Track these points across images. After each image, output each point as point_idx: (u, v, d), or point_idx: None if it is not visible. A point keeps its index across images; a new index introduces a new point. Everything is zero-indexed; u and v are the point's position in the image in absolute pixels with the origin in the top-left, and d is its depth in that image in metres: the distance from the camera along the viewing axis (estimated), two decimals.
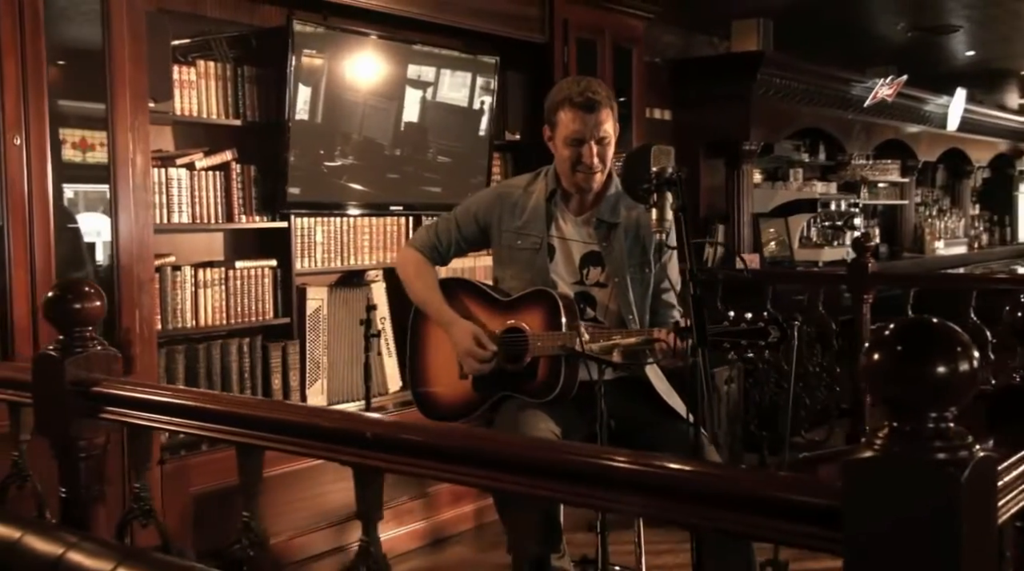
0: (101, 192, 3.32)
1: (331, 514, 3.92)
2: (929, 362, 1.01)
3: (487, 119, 4.54)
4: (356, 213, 4.16)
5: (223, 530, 3.12)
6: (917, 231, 8.65)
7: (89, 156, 3.26)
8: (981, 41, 7.67)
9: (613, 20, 5.20)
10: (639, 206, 2.74)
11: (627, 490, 1.12)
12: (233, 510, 3.51)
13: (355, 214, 4.17)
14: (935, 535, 0.99)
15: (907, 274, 6.68)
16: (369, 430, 1.48)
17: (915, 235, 8.64)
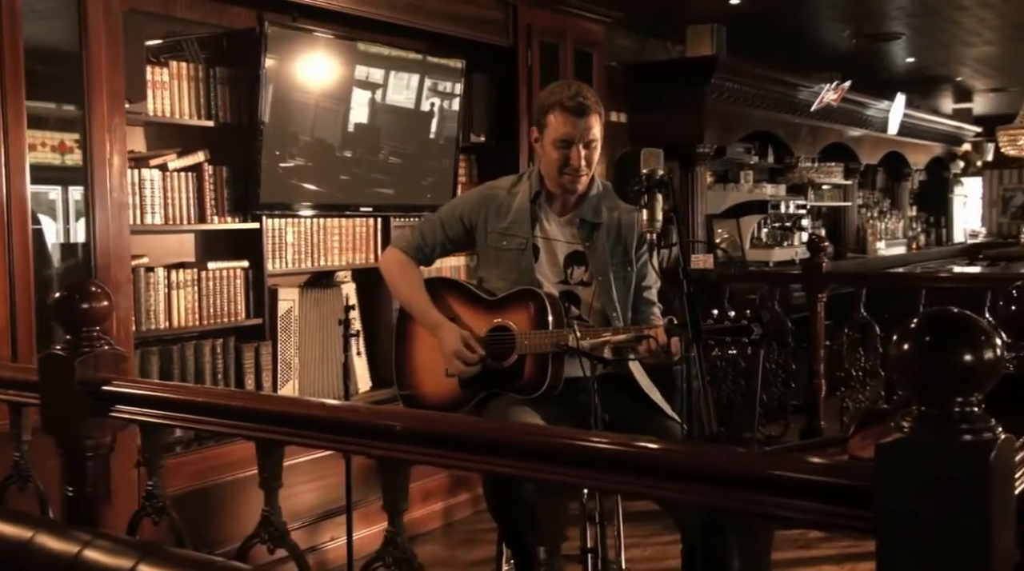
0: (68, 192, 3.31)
1: (302, 514, 3.94)
2: (956, 351, 1.09)
3: (436, 121, 4.52)
4: (308, 214, 4.12)
5: (198, 533, 3.14)
6: (860, 232, 8.90)
7: (66, 158, 3.25)
8: (921, 48, 7.92)
9: (574, 24, 5.29)
10: (620, 207, 2.83)
11: (678, 477, 1.18)
12: (205, 513, 3.55)
13: (307, 215, 4.12)
14: (964, 512, 1.07)
15: (860, 273, 6.87)
16: (399, 423, 1.53)
17: (858, 236, 8.89)
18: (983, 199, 13.52)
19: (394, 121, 4.39)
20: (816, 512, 1.16)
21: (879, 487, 1.12)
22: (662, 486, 1.21)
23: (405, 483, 1.57)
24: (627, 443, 1.19)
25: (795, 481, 1.18)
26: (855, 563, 3.86)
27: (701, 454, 1.19)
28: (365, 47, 4.20)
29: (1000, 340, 1.10)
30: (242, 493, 3.67)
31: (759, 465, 1.18)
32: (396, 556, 1.58)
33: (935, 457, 1.09)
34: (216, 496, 3.57)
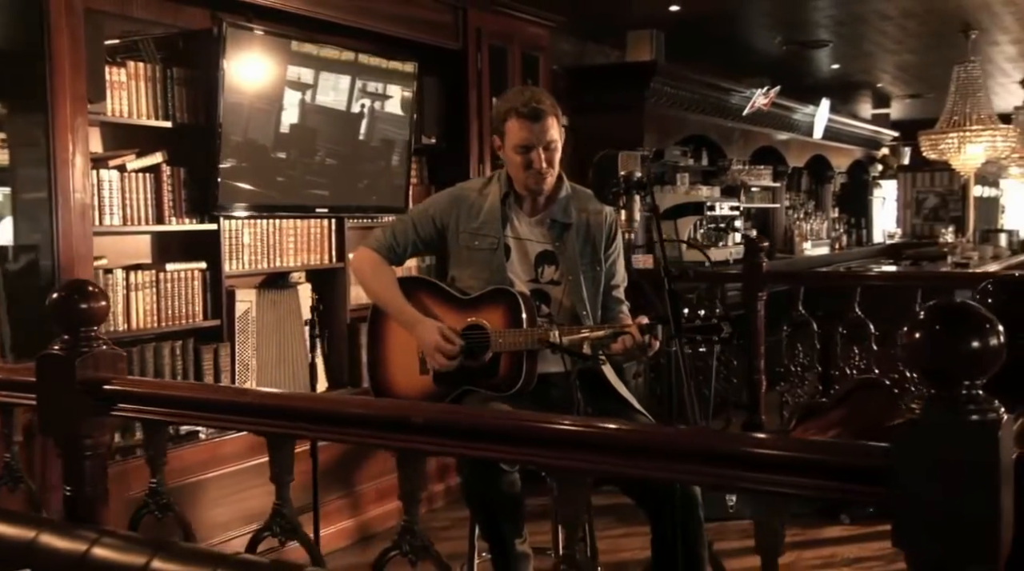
0: None
1: (255, 517, 3.93)
2: (964, 338, 1.20)
3: (367, 123, 4.47)
4: (243, 215, 4.06)
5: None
6: (787, 233, 9.17)
7: None
8: (846, 55, 8.21)
9: (521, 28, 5.37)
10: (589, 208, 2.92)
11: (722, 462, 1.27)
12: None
13: (242, 217, 4.07)
14: (975, 484, 1.17)
15: (798, 273, 7.08)
16: (420, 416, 1.58)
17: (785, 236, 9.16)
18: (898, 201, 14.02)
19: (326, 122, 4.28)
20: (836, 490, 1.26)
21: (895, 465, 1.22)
22: (690, 469, 1.30)
23: (423, 473, 1.63)
24: (698, 432, 1.27)
25: (815, 462, 1.27)
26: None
27: (731, 439, 1.27)
28: (298, 46, 4.11)
29: (1001, 329, 1.21)
30: (204, 492, 3.67)
31: (783, 447, 1.28)
32: (413, 544, 1.64)
33: (947, 436, 1.20)
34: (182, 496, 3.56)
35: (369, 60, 4.41)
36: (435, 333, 2.78)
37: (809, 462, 1.26)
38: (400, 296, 2.89)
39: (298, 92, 4.13)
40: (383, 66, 4.51)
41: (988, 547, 1.18)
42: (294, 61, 4.09)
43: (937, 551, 1.20)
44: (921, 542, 1.21)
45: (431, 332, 2.79)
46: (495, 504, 2.61)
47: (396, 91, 4.59)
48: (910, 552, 1.22)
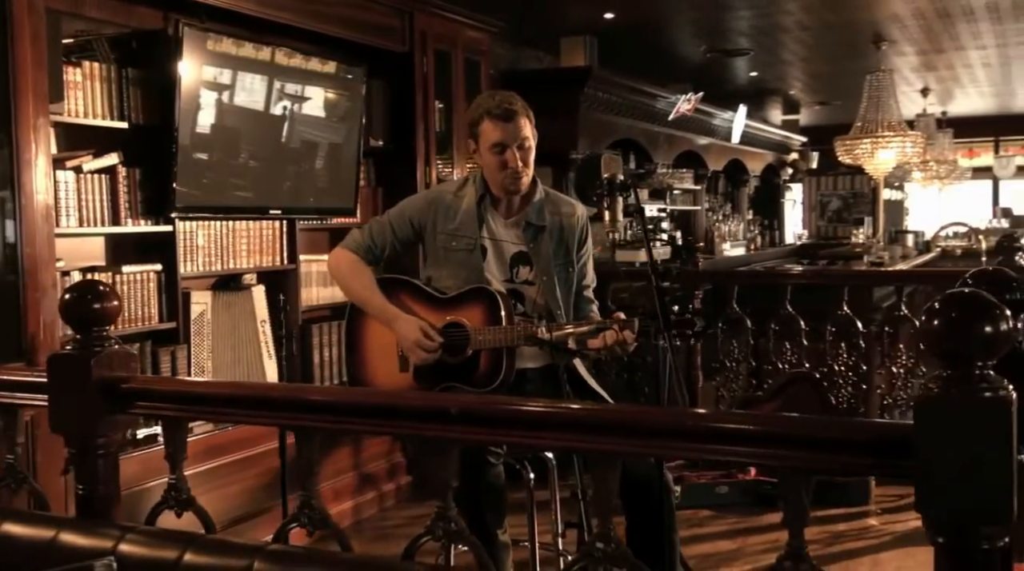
0: None
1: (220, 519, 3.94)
2: (978, 323, 1.34)
3: (288, 125, 4.35)
4: (200, 216, 4.04)
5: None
6: (708, 234, 9.46)
7: None
8: (764, 64, 8.53)
9: (463, 33, 5.46)
10: (562, 211, 3.03)
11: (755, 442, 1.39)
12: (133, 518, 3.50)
13: (199, 218, 4.04)
14: (989, 454, 1.31)
15: (733, 272, 7.30)
16: (454, 407, 1.66)
17: (706, 237, 9.44)
18: (803, 204, 14.55)
19: (245, 123, 4.14)
20: (866, 465, 1.39)
21: (917, 439, 1.35)
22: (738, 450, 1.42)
23: (455, 462, 1.71)
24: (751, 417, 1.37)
25: (846, 440, 1.40)
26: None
27: (770, 421, 1.39)
28: (213, 45, 3.96)
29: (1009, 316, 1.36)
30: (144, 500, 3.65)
31: (819, 428, 1.41)
32: (446, 530, 1.72)
33: (963, 411, 1.34)
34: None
35: (288, 61, 4.28)
36: (415, 328, 2.85)
37: (841, 440, 1.39)
38: (380, 294, 2.95)
39: (214, 92, 3.99)
40: (302, 67, 4.37)
41: (1001, 510, 1.32)
42: (210, 61, 3.94)
43: (955, 514, 1.34)
44: (941, 506, 1.35)
45: (411, 327, 2.86)
46: (481, 495, 2.70)
47: (316, 92, 4.46)
48: (930, 515, 1.36)
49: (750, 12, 6.60)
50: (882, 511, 4.62)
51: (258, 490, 4.07)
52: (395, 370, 2.94)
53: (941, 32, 7.21)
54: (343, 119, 4.58)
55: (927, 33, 7.27)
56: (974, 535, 1.34)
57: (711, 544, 4.23)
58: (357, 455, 4.74)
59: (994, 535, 1.34)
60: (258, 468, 4.10)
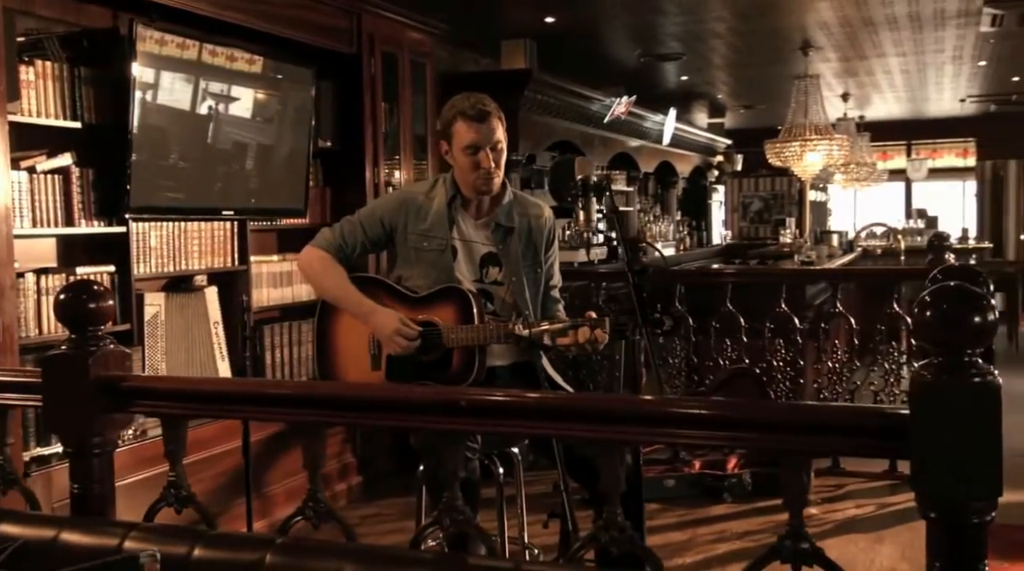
0: None
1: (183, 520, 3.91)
2: (967, 315, 1.45)
3: (213, 126, 4.23)
4: (153, 217, 3.99)
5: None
6: (640, 235, 9.63)
7: None
8: (694, 68, 8.73)
9: (409, 35, 5.49)
10: (530, 213, 3.10)
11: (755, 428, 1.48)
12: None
13: (152, 218, 4.00)
14: (981, 436, 1.42)
15: (677, 271, 7.45)
16: (463, 399, 1.72)
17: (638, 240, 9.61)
18: (726, 205, 14.89)
19: (170, 122, 4.01)
20: (866, 446, 1.49)
21: (912, 422, 1.46)
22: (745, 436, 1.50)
23: (464, 454, 1.77)
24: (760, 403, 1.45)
25: (850, 424, 1.50)
26: None
27: (773, 409, 1.48)
28: (141, 45, 3.80)
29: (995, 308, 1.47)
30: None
31: (824, 414, 1.51)
32: (455, 519, 1.77)
33: (954, 395, 1.44)
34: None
35: (213, 60, 4.15)
36: (394, 319, 2.89)
37: (839, 425, 1.49)
38: (355, 290, 2.98)
39: (139, 91, 3.85)
40: (227, 67, 4.24)
41: (989, 487, 1.43)
42: (141, 61, 3.82)
43: (947, 491, 1.45)
44: (934, 484, 1.45)
45: (390, 318, 2.89)
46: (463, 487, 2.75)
47: (244, 93, 4.35)
48: (925, 492, 1.47)
49: (684, 18, 6.76)
50: (822, 501, 4.80)
51: (218, 490, 4.05)
52: (367, 368, 2.98)
53: (865, 40, 7.48)
54: (269, 120, 4.51)
55: (852, 40, 7.54)
56: (965, 511, 1.45)
57: (662, 536, 4.35)
58: None
59: (983, 510, 1.45)
60: (216, 469, 4.08)
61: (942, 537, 1.48)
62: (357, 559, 1.70)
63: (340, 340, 3.03)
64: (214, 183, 4.25)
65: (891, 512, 4.70)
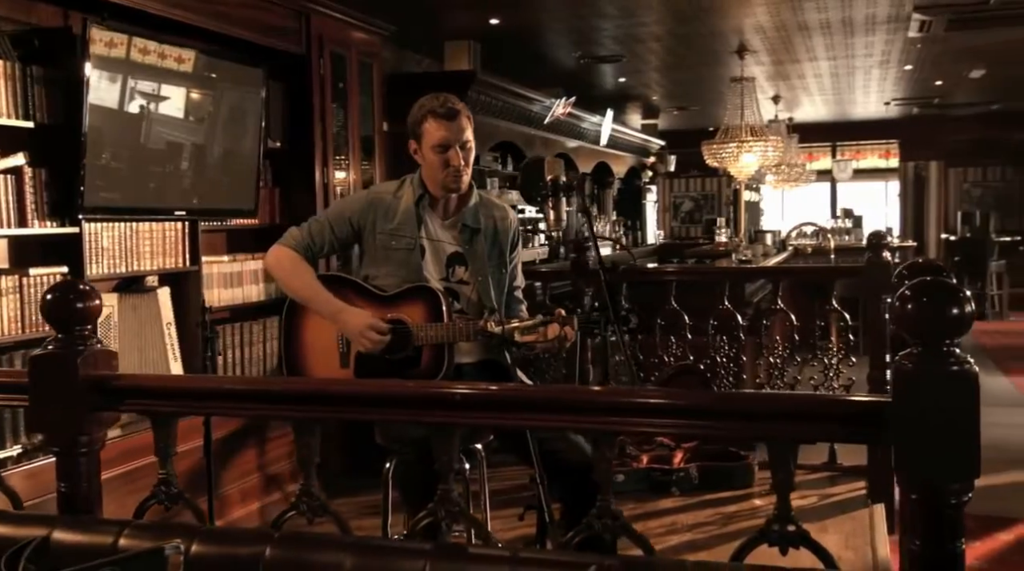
0: None
1: None
2: (946, 307, 1.54)
3: (145, 125, 4.12)
4: (107, 217, 3.95)
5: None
6: (578, 235, 9.74)
7: None
8: (632, 70, 8.87)
9: (357, 36, 5.50)
10: (495, 215, 3.15)
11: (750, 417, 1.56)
12: None
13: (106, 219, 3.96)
14: (960, 421, 1.51)
15: (623, 269, 7.54)
16: (457, 392, 1.77)
17: (577, 238, 9.72)
18: (657, 206, 15.14)
19: (116, 122, 3.91)
20: (851, 432, 1.58)
21: (894, 408, 1.55)
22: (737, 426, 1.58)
23: (457, 446, 1.82)
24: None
25: (837, 412, 1.59)
26: None
27: (764, 399, 1.56)
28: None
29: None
30: None
31: (813, 404, 1.59)
32: (449, 510, 1.82)
33: (934, 383, 1.54)
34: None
35: (143, 59, 4.03)
36: (364, 316, 2.92)
37: (835, 413, 1.59)
38: (324, 289, 3.00)
39: (92, 91, 3.73)
40: (157, 65, 4.10)
41: (968, 469, 1.53)
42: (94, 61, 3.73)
43: (928, 473, 1.54)
44: (916, 467, 1.55)
45: (359, 317, 2.92)
46: (430, 485, 2.78)
47: (175, 92, 4.21)
48: (906, 474, 1.56)
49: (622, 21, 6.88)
50: (765, 493, 4.94)
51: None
52: (336, 365, 3.00)
53: (800, 44, 7.70)
54: (214, 120, 4.46)
55: (786, 44, 7.75)
56: (944, 491, 1.55)
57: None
58: (262, 457, 4.72)
59: (961, 491, 1.55)
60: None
61: (924, 517, 1.57)
62: (357, 552, 1.74)
63: (308, 338, 3.05)
64: (165, 183, 4.22)
65: (833, 502, 4.87)
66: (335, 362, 3.00)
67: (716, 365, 5.52)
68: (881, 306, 4.87)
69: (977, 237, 13.76)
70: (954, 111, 12.96)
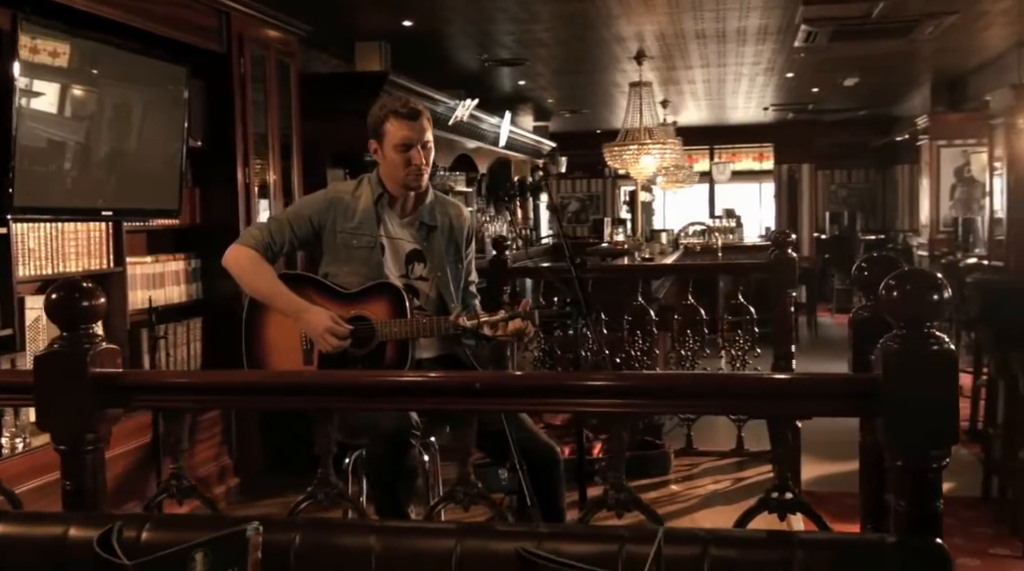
0: None
1: None
2: (928, 293, 1.73)
3: (59, 124, 3.95)
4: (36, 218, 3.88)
5: None
6: (479, 235, 9.87)
7: None
8: (532, 73, 9.05)
9: (275, 35, 5.48)
10: (450, 212, 3.26)
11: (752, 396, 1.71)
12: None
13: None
14: (941, 394, 1.70)
15: (533, 268, 7.70)
16: (476, 381, 1.87)
17: (478, 237, 9.85)
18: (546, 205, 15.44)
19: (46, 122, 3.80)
20: (845, 406, 1.75)
21: (884, 384, 1.73)
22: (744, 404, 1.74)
23: (474, 432, 1.92)
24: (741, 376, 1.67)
25: (832, 388, 1.76)
26: None
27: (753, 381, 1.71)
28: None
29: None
30: None
31: (810, 383, 1.76)
32: (467, 492, 1.92)
33: (918, 361, 1.72)
34: None
35: (54, 61, 3.81)
36: (326, 317, 2.97)
37: (821, 389, 1.76)
38: (285, 288, 3.03)
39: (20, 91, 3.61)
40: (67, 66, 3.91)
41: (946, 436, 1.72)
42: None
43: (913, 441, 1.73)
44: (900, 434, 1.73)
45: (322, 317, 2.97)
46: (401, 475, 2.87)
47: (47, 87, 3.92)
48: (892, 441, 1.74)
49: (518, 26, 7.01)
50: (681, 479, 5.18)
51: (117, 492, 3.96)
52: (299, 362, 3.04)
53: (693, 51, 8.02)
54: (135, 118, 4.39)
55: (682, 51, 8.06)
56: (927, 457, 1.73)
57: None
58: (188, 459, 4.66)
59: (940, 456, 1.74)
60: (112, 470, 3.98)
61: (908, 481, 1.75)
62: (383, 534, 1.82)
63: (270, 335, 3.08)
64: (90, 183, 4.13)
65: (745, 485, 5.15)
66: (298, 358, 3.04)
67: (631, 358, 5.74)
68: (787, 300, 5.18)
69: (844, 235, 14.55)
70: (825, 116, 13.66)
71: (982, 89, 9.38)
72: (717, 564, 1.64)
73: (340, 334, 2.96)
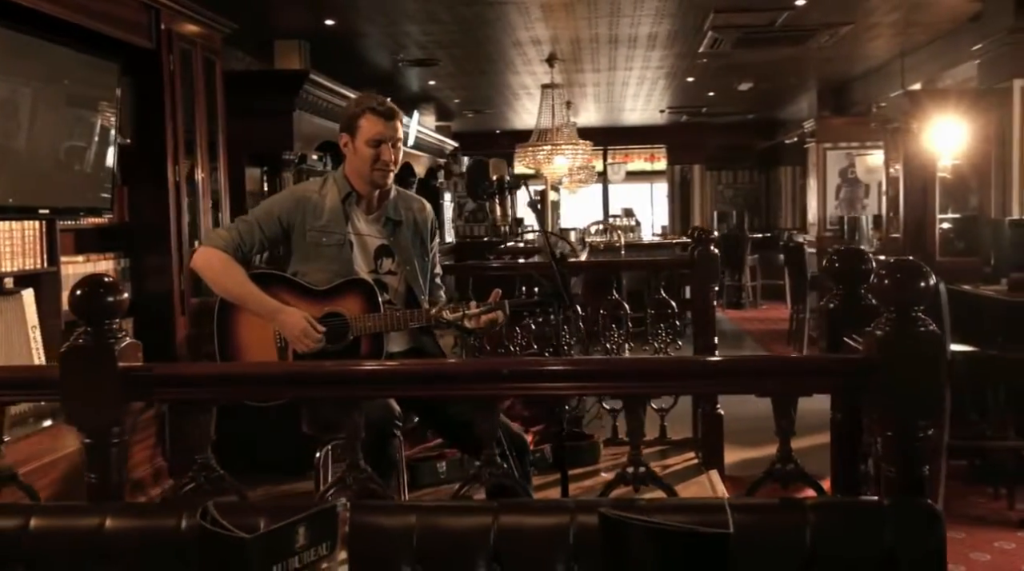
0: None
1: None
2: (915, 281, 1.92)
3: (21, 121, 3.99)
4: None
5: None
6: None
7: None
8: (441, 74, 9.14)
9: (201, 32, 5.43)
10: (413, 207, 3.35)
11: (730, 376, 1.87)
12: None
13: None
14: (927, 371, 1.90)
15: (465, 266, 7.72)
16: (505, 368, 1.98)
17: None
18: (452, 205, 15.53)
19: None
20: (841, 384, 1.93)
21: (877, 363, 1.91)
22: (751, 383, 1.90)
23: (497, 418, 2.02)
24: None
25: (828, 367, 1.94)
26: None
27: (766, 361, 1.87)
28: None
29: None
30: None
31: (813, 363, 1.93)
32: (493, 473, 2.03)
33: (907, 341, 1.91)
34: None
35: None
36: (300, 318, 3.02)
37: (825, 368, 1.94)
38: (257, 289, 3.06)
39: None
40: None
41: (934, 409, 1.92)
42: None
43: (902, 412, 1.92)
44: (891, 408, 1.91)
45: (296, 318, 3.02)
46: (384, 463, 2.94)
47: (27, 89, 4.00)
48: (883, 414, 1.92)
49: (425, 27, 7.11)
50: (611, 468, 5.37)
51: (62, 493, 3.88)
52: (274, 359, 3.07)
53: (603, 55, 8.25)
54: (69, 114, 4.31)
55: (592, 54, 8.27)
56: (914, 428, 1.93)
57: None
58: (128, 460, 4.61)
59: (926, 427, 1.93)
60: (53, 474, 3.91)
61: (896, 449, 1.94)
62: (423, 511, 1.91)
63: (244, 335, 3.10)
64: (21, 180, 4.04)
65: (672, 472, 5.36)
66: (274, 356, 3.07)
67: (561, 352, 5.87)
68: (710, 294, 5.41)
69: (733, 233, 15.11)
70: (716, 119, 14.18)
71: (866, 95, 9.93)
72: (742, 528, 1.79)
73: (315, 338, 3.01)
